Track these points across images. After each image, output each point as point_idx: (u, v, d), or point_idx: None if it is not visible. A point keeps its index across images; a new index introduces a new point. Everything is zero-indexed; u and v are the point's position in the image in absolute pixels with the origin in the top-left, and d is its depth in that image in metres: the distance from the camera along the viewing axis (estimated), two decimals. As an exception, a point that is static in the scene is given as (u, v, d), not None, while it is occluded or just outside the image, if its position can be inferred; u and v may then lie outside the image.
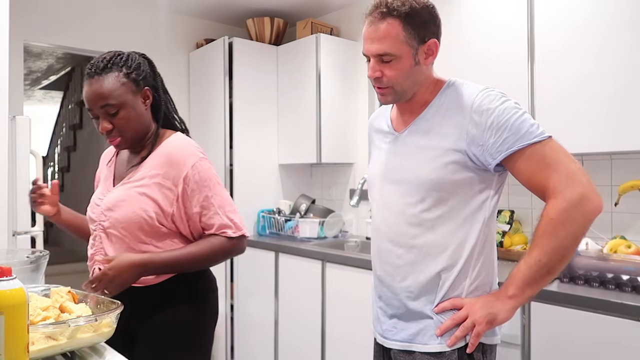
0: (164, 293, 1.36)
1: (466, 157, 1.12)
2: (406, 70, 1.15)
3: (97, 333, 0.99)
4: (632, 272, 1.58)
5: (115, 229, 1.34)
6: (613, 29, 1.77)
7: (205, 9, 3.33)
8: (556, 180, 1.06)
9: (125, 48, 1.47)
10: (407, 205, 1.18)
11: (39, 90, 6.24)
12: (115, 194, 1.37)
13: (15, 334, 0.75)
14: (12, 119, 2.32)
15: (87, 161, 5.03)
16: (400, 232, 1.20)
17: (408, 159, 1.20)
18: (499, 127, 1.09)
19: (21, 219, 2.38)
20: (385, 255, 1.24)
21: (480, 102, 1.11)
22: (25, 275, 1.20)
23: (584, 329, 1.54)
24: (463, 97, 1.15)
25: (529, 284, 1.09)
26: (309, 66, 3.06)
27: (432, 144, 1.16)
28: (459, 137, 1.12)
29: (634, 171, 1.98)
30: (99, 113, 1.32)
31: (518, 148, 1.08)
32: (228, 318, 3.12)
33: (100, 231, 1.37)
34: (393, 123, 1.30)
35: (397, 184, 1.21)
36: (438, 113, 1.18)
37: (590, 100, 1.83)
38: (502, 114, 1.09)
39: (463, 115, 1.13)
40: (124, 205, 1.33)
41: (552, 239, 1.06)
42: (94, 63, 1.32)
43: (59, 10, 2.98)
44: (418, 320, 1.19)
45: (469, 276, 1.16)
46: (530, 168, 1.08)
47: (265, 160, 3.27)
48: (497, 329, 1.20)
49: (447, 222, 1.15)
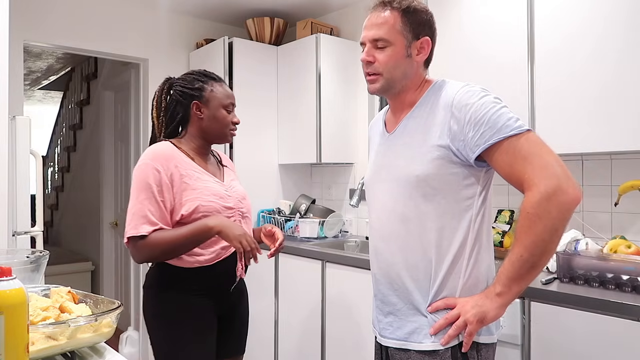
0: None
1: (450, 152, 1.15)
2: (397, 59, 1.21)
3: (97, 333, 0.99)
4: (632, 272, 1.58)
5: (248, 213, 1.71)
6: (613, 28, 1.77)
7: (205, 9, 3.33)
8: (530, 172, 1.06)
9: (126, 48, 1.47)
10: (395, 202, 1.22)
11: (39, 90, 6.24)
12: (238, 187, 1.71)
13: (15, 334, 0.75)
14: (12, 119, 2.31)
15: (87, 161, 5.03)
16: (391, 230, 1.23)
17: (396, 157, 1.25)
18: (477, 121, 1.11)
19: (21, 219, 2.37)
20: (380, 253, 1.28)
21: (460, 98, 1.15)
22: (25, 275, 1.20)
23: (584, 329, 1.54)
24: (446, 94, 1.19)
25: (515, 280, 1.10)
26: (309, 66, 3.06)
27: (418, 141, 1.19)
28: (442, 133, 1.16)
29: (634, 171, 1.98)
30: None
31: (495, 141, 1.09)
32: (228, 318, 3.11)
33: (239, 216, 1.65)
34: (386, 125, 1.35)
35: (386, 182, 1.26)
36: (424, 111, 1.22)
37: (590, 100, 1.83)
38: (479, 108, 1.12)
39: (445, 112, 1.16)
40: (246, 195, 1.74)
41: (530, 233, 1.06)
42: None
43: (59, 10, 2.98)
44: (413, 319, 1.21)
45: (462, 274, 1.18)
46: (508, 161, 1.09)
47: (265, 160, 3.27)
48: (493, 328, 1.21)
49: (435, 218, 1.17)
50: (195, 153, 1.63)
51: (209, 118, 1.62)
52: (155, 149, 1.55)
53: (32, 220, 2.47)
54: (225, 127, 1.64)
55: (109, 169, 4.27)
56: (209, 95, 1.62)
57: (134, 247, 1.47)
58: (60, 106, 6.16)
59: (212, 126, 1.63)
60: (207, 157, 1.68)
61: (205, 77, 1.65)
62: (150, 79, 3.31)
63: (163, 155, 1.52)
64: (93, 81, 4.85)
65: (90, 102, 4.98)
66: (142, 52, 3.28)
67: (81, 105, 5.21)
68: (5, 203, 1.75)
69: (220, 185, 1.62)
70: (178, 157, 1.55)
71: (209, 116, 1.62)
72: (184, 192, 1.51)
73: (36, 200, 2.55)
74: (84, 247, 4.93)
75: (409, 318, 1.21)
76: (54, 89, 6.16)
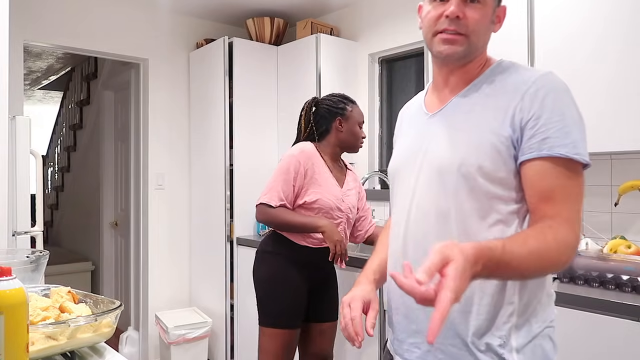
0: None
1: (510, 144, 0.94)
2: (486, 22, 1.01)
3: (97, 333, 0.99)
4: (632, 272, 1.58)
5: (354, 220, 2.12)
6: (613, 28, 1.77)
7: (205, 9, 3.33)
8: (567, 213, 0.90)
9: (126, 48, 1.48)
10: (436, 196, 0.99)
11: (39, 90, 6.24)
12: (352, 197, 2.08)
13: (15, 334, 0.75)
14: (12, 119, 2.31)
15: (87, 161, 5.03)
16: (427, 231, 1.00)
17: (438, 142, 1.01)
18: (547, 122, 0.92)
19: (21, 219, 2.37)
20: (410, 258, 1.02)
21: (540, 85, 0.95)
22: (25, 275, 1.20)
23: (584, 329, 1.54)
24: (521, 77, 0.98)
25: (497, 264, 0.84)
26: (309, 66, 3.06)
27: (471, 125, 0.98)
28: (504, 120, 0.94)
29: (634, 171, 1.98)
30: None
31: (556, 155, 0.91)
32: (228, 318, 3.12)
33: (346, 220, 2.04)
34: (426, 106, 1.12)
35: (423, 172, 1.03)
36: (483, 91, 1.01)
37: (590, 100, 1.82)
38: (561, 107, 0.93)
39: (513, 96, 0.95)
40: (356, 206, 2.13)
41: (541, 250, 0.86)
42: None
43: (59, 10, 2.98)
44: (448, 348, 0.96)
45: (516, 291, 0.95)
46: (549, 182, 0.91)
47: (266, 160, 3.27)
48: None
49: (482, 219, 0.96)
50: (329, 158, 2.06)
51: (347, 131, 2.06)
52: (303, 147, 2.00)
53: (32, 220, 2.47)
54: (357, 140, 2.08)
55: (109, 169, 4.27)
56: (349, 114, 2.06)
57: (261, 210, 1.97)
58: (60, 106, 6.15)
59: (348, 138, 2.06)
60: (337, 163, 2.10)
61: (347, 100, 2.10)
62: (150, 79, 3.31)
63: (307, 152, 1.98)
64: (93, 81, 4.85)
65: (90, 102, 4.98)
66: (142, 52, 3.28)
67: (81, 105, 5.21)
68: (5, 203, 1.75)
69: (339, 189, 2.03)
70: (316, 157, 2.00)
71: (347, 130, 2.06)
72: (312, 184, 1.96)
73: (36, 200, 2.55)
74: (84, 247, 4.93)
75: (444, 345, 0.98)
76: (54, 89, 6.16)
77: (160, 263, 3.39)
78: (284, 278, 1.98)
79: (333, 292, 2.13)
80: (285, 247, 2.00)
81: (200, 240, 3.40)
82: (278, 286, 1.98)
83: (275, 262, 2.01)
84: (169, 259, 3.44)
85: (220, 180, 3.16)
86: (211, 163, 3.26)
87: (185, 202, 3.51)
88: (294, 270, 1.98)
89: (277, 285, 1.99)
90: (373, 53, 3.13)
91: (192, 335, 3.02)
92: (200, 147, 3.41)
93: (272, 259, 2.02)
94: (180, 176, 3.50)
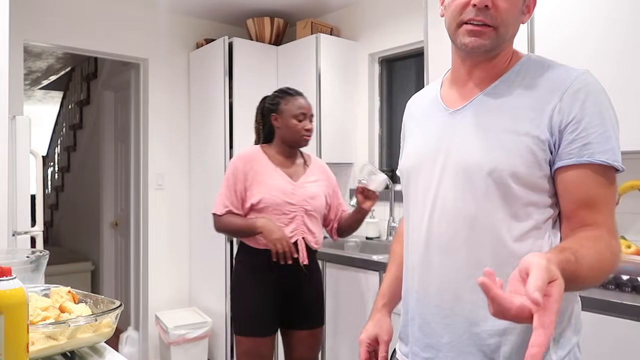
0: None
1: (547, 147, 0.88)
2: (516, 13, 0.92)
3: (97, 333, 0.99)
4: (632, 272, 1.58)
5: (315, 212, 1.96)
6: (613, 28, 1.77)
7: (205, 9, 3.33)
8: (612, 221, 0.88)
9: (126, 48, 1.48)
10: (464, 201, 0.92)
11: (39, 90, 6.24)
12: (310, 188, 1.96)
13: (15, 334, 0.75)
14: (12, 119, 2.32)
15: (87, 161, 5.03)
16: (452, 238, 0.93)
17: (465, 142, 0.94)
18: (588, 126, 0.87)
19: (21, 219, 2.38)
20: (432, 267, 0.96)
21: (580, 86, 0.88)
22: (25, 275, 1.19)
23: (584, 329, 1.54)
24: (557, 75, 0.91)
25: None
26: (309, 66, 3.06)
27: (504, 126, 0.90)
28: (540, 121, 0.88)
29: (634, 171, 1.98)
30: None
31: (597, 162, 0.87)
32: (228, 318, 3.12)
33: (302, 213, 1.92)
34: (444, 100, 1.03)
35: (447, 174, 0.95)
36: (513, 88, 0.93)
37: (590, 101, 1.82)
38: (601, 111, 0.89)
39: (551, 96, 0.88)
40: (317, 196, 1.98)
41: (600, 260, 0.82)
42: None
43: (59, 10, 2.98)
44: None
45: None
46: (589, 189, 0.88)
47: (265, 160, 3.27)
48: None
49: (514, 227, 0.89)
50: (280, 155, 1.98)
51: (284, 127, 1.96)
52: (242, 151, 2.01)
53: (32, 220, 2.47)
54: (296, 134, 1.95)
55: (109, 169, 4.27)
56: (283, 108, 1.96)
57: (214, 221, 1.97)
58: (60, 106, 6.15)
59: (286, 133, 1.96)
60: (292, 159, 2.01)
61: (283, 92, 2.00)
62: (150, 78, 3.31)
63: (245, 156, 1.96)
64: (93, 81, 4.85)
65: (90, 102, 4.98)
66: (142, 52, 3.28)
67: (81, 105, 5.21)
68: (5, 203, 1.75)
69: (290, 184, 1.93)
70: (257, 159, 1.94)
71: (283, 125, 1.96)
72: (254, 185, 1.90)
73: (36, 200, 2.55)
74: (84, 247, 4.93)
75: (461, 357, 0.92)
76: (54, 88, 6.16)
77: (160, 263, 3.39)
78: (247, 285, 1.93)
79: (309, 297, 1.99)
80: (245, 253, 1.96)
81: (200, 240, 3.40)
82: (242, 294, 1.95)
83: (238, 269, 1.98)
84: (169, 259, 3.44)
85: (220, 180, 3.15)
86: (211, 163, 3.26)
87: (185, 202, 3.51)
88: (257, 276, 1.92)
89: (241, 292, 1.95)
90: (373, 53, 3.14)
91: (192, 335, 3.02)
92: (200, 147, 3.41)
93: (237, 266, 2.00)
94: (180, 176, 3.50)
